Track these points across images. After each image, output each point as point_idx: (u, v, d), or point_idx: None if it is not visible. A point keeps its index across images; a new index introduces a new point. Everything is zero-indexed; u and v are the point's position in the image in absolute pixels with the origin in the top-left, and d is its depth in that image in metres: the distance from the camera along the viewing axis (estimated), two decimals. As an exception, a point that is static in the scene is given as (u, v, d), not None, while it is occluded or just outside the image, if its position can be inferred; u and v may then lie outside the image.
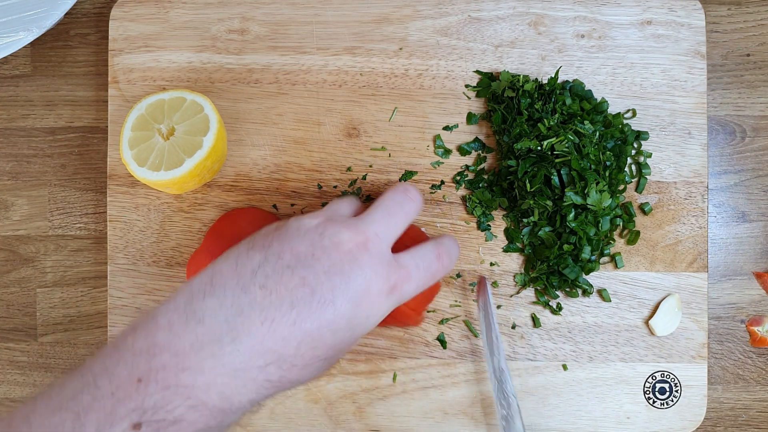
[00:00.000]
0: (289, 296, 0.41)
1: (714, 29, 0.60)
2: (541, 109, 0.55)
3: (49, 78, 0.60)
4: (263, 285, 0.41)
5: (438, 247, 0.48)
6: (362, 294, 0.43)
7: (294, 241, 0.43)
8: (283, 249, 0.43)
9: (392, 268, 0.45)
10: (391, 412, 0.57)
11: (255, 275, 0.42)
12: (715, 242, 0.60)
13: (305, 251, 0.43)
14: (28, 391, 0.59)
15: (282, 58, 0.58)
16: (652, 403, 0.57)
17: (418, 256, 0.47)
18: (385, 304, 0.44)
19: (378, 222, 0.45)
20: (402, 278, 0.45)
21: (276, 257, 0.42)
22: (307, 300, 0.41)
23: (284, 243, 0.43)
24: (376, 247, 0.44)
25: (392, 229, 0.46)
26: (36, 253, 0.60)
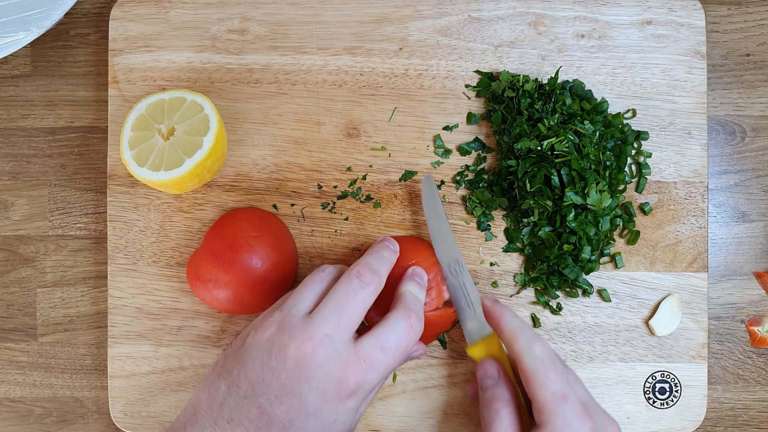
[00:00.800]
0: (253, 427, 0.44)
1: (714, 29, 0.60)
2: (541, 109, 0.55)
3: (49, 78, 0.60)
4: (230, 419, 0.44)
5: (408, 317, 0.47)
6: (318, 406, 0.44)
7: (248, 366, 0.45)
8: (240, 377, 0.45)
9: (349, 366, 0.44)
10: (391, 412, 0.57)
11: (222, 408, 0.44)
12: (715, 242, 0.60)
13: (256, 376, 0.44)
14: (28, 391, 0.59)
15: (282, 58, 0.58)
16: (652, 403, 0.57)
17: (384, 336, 0.46)
18: (351, 403, 0.45)
19: (328, 320, 0.45)
20: (362, 371, 0.45)
21: (236, 387, 0.45)
22: (266, 427, 0.44)
23: (241, 369, 0.45)
24: (326, 352, 0.44)
25: (346, 321, 0.45)
26: (36, 253, 0.60)
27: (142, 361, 0.57)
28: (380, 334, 0.46)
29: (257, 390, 0.44)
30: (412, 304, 0.48)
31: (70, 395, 0.59)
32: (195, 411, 0.45)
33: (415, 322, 0.47)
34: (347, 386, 0.44)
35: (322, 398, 0.44)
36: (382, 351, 0.45)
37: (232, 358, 0.46)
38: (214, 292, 0.53)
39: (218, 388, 0.45)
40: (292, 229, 0.58)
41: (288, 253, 0.55)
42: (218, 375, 0.46)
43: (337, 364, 0.44)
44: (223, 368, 0.46)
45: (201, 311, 0.57)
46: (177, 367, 0.57)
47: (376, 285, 0.47)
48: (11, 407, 0.59)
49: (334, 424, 0.45)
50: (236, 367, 0.45)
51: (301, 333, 0.44)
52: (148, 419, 0.57)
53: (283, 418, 0.43)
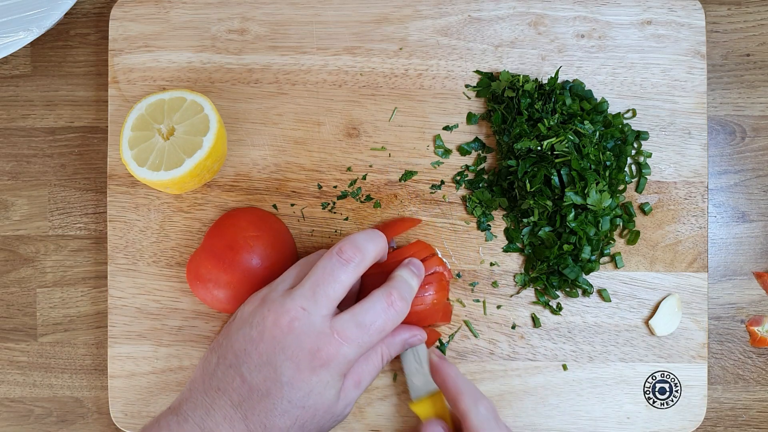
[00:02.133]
0: (236, 395, 0.47)
1: (714, 29, 0.60)
2: (541, 109, 0.55)
3: (49, 78, 0.60)
4: (218, 387, 0.47)
5: (388, 295, 0.48)
6: (292, 375, 0.46)
7: (233, 337, 0.48)
8: (227, 348, 0.48)
9: (322, 339, 0.46)
10: (391, 412, 0.57)
11: (213, 378, 0.48)
12: (715, 242, 0.60)
13: (239, 347, 0.47)
14: (28, 391, 0.59)
15: (282, 58, 0.58)
16: (652, 403, 0.57)
17: (361, 312, 0.47)
18: (324, 374, 0.47)
19: (304, 295, 0.47)
20: (335, 344, 0.46)
21: (223, 358, 0.48)
22: (247, 396, 0.46)
23: (227, 341, 0.48)
24: (302, 324, 0.46)
25: (322, 296, 0.47)
26: (36, 253, 0.60)
27: (142, 361, 0.57)
28: (357, 311, 0.48)
29: (240, 360, 0.47)
30: (397, 284, 0.49)
31: (70, 395, 0.59)
32: (190, 387, 0.49)
33: (396, 301, 0.48)
34: (319, 357, 0.46)
35: (296, 368, 0.46)
36: (357, 327, 0.47)
37: (223, 333, 0.50)
38: (214, 292, 0.53)
39: (210, 361, 0.48)
40: (292, 229, 0.58)
41: (288, 253, 0.55)
42: (211, 350, 0.49)
43: (311, 336, 0.46)
44: (216, 343, 0.49)
45: (201, 311, 0.57)
46: (177, 367, 0.57)
47: (357, 262, 0.48)
48: (11, 407, 0.59)
49: (309, 395, 0.47)
50: (225, 340, 0.49)
51: (279, 306, 0.47)
52: (148, 419, 0.57)
53: (261, 386, 0.46)
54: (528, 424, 0.57)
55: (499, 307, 0.57)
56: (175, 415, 0.47)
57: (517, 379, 0.57)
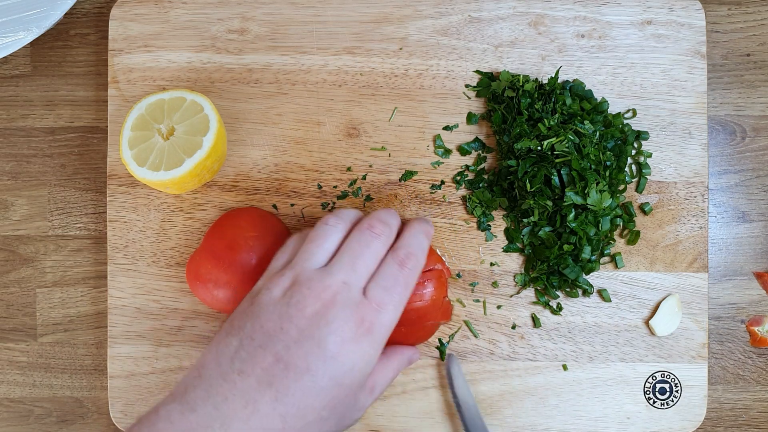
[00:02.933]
0: (266, 375, 0.44)
1: (714, 29, 0.60)
2: (541, 109, 0.55)
3: (49, 78, 0.60)
4: (240, 370, 0.44)
5: (396, 255, 0.48)
6: (337, 348, 0.44)
7: (263, 317, 0.45)
8: (254, 329, 0.45)
9: (362, 307, 0.46)
10: (391, 412, 0.57)
11: (233, 362, 0.44)
12: (715, 242, 0.60)
13: (273, 326, 0.45)
14: (28, 391, 0.59)
15: (282, 58, 0.58)
16: (653, 404, 0.57)
17: (382, 277, 0.47)
18: (366, 345, 0.46)
19: (344, 269, 0.47)
20: (374, 311, 0.46)
21: (249, 339, 0.45)
22: (282, 375, 0.44)
23: (255, 322, 0.46)
24: (344, 297, 0.46)
25: (361, 270, 0.47)
26: (36, 253, 0.60)
27: (142, 361, 0.57)
28: (378, 278, 0.47)
29: (274, 338, 0.44)
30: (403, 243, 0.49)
31: (70, 395, 0.59)
32: (200, 372, 0.45)
33: (405, 260, 0.48)
34: (363, 326, 0.45)
35: (341, 341, 0.45)
36: (385, 291, 0.47)
37: (241, 317, 0.46)
38: (214, 292, 0.53)
39: (228, 344, 0.45)
40: (292, 229, 0.58)
41: (288, 253, 0.55)
42: (227, 333, 0.46)
43: (353, 308, 0.45)
44: (233, 327, 0.46)
45: (201, 311, 0.57)
46: (177, 367, 0.57)
47: (387, 236, 0.49)
48: (11, 407, 0.59)
49: (351, 371, 0.45)
50: (249, 322, 0.46)
51: (319, 283, 0.46)
52: (148, 419, 0.57)
53: (300, 362, 0.44)
54: (528, 424, 0.57)
55: (499, 307, 0.57)
56: (179, 404, 0.43)
57: (517, 380, 0.57)
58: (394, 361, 0.52)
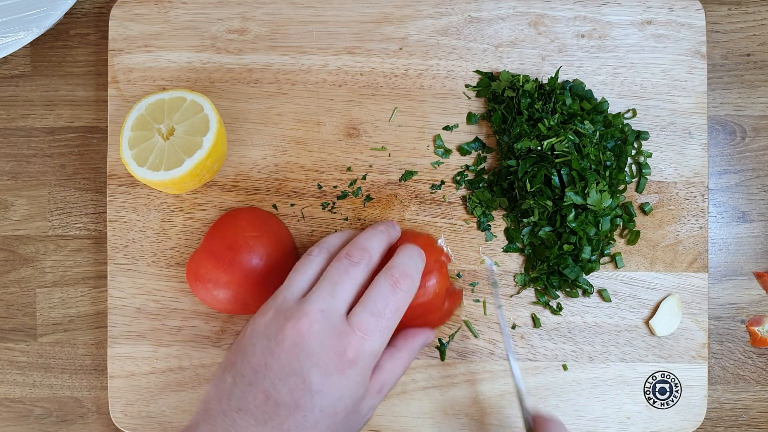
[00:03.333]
0: (261, 413, 0.44)
1: (714, 29, 0.60)
2: (541, 109, 0.55)
3: (49, 78, 0.60)
4: (239, 408, 0.44)
5: (389, 277, 0.47)
6: (321, 381, 0.44)
7: (249, 353, 0.46)
8: (243, 366, 0.45)
9: (345, 337, 0.45)
10: (391, 412, 0.57)
11: (230, 399, 0.45)
12: (715, 242, 0.60)
13: (258, 362, 0.45)
14: (28, 391, 0.59)
15: (282, 58, 0.58)
16: (653, 404, 0.57)
17: (371, 300, 0.46)
18: (352, 375, 0.45)
19: (323, 297, 0.46)
20: (358, 340, 0.45)
21: (240, 376, 0.45)
22: (274, 413, 0.44)
23: (243, 357, 0.46)
24: (322, 326, 0.45)
25: (340, 296, 0.46)
26: (36, 253, 0.60)
27: (142, 361, 0.57)
28: (367, 301, 0.46)
29: (260, 375, 0.44)
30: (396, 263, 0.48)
31: (70, 395, 0.59)
32: (206, 407, 0.46)
33: (400, 281, 0.47)
34: (346, 357, 0.45)
35: (324, 373, 0.44)
36: (372, 316, 0.46)
37: (234, 351, 0.47)
38: (214, 292, 0.53)
39: (224, 381, 0.46)
40: (292, 229, 0.58)
41: (288, 253, 0.55)
42: (224, 369, 0.46)
43: (333, 337, 0.45)
44: (228, 361, 0.47)
45: (201, 311, 0.57)
46: (177, 367, 0.57)
47: (366, 262, 0.48)
48: (11, 407, 0.59)
49: (340, 400, 0.45)
50: (239, 357, 0.46)
51: (296, 312, 0.45)
52: (148, 419, 0.57)
53: (288, 399, 0.44)
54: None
55: (500, 307, 0.57)
56: None
57: (517, 379, 0.57)
58: (403, 353, 0.50)
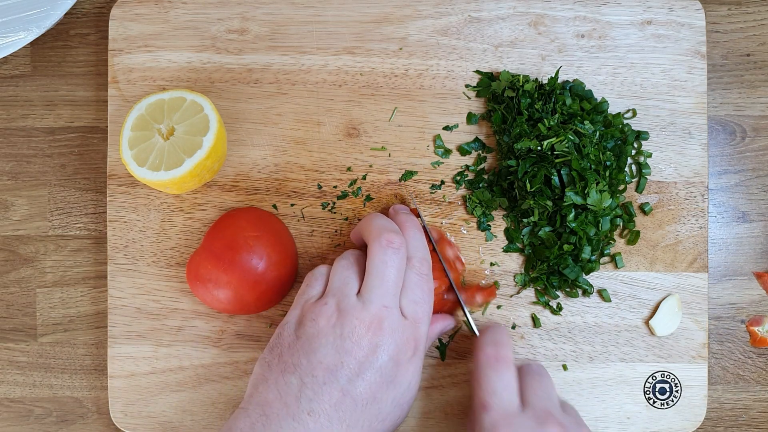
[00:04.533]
0: (336, 413, 0.45)
1: (714, 29, 0.60)
2: (541, 109, 0.55)
3: (49, 78, 0.60)
4: (310, 410, 0.45)
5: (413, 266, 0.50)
6: (395, 372, 0.47)
7: (319, 352, 0.46)
8: (313, 365, 0.46)
9: (406, 328, 0.48)
10: (391, 412, 0.57)
11: (299, 402, 0.45)
12: (715, 242, 0.60)
13: (333, 361, 0.46)
14: (28, 391, 0.59)
15: (282, 58, 0.58)
16: (653, 404, 0.57)
17: (410, 291, 0.49)
18: (416, 362, 0.48)
19: (378, 294, 0.48)
20: (415, 328, 0.48)
21: (311, 377, 0.45)
22: (351, 409, 0.45)
23: (311, 357, 0.46)
24: (390, 322, 0.47)
25: (393, 290, 0.48)
26: (36, 253, 0.60)
27: (142, 361, 0.57)
28: (406, 293, 0.49)
29: (336, 374, 0.45)
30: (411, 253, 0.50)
31: (70, 395, 0.59)
32: (264, 411, 0.45)
33: (421, 267, 0.50)
34: (410, 346, 0.48)
35: (396, 364, 0.47)
36: (416, 304, 0.49)
37: (293, 351, 0.47)
38: (214, 292, 0.53)
39: (289, 383, 0.46)
40: (292, 229, 0.58)
41: (288, 253, 0.55)
42: (283, 371, 0.46)
43: (398, 329, 0.47)
44: (287, 363, 0.47)
45: (201, 311, 0.57)
46: (177, 367, 0.57)
47: (404, 246, 0.50)
48: (11, 407, 0.59)
49: (408, 389, 0.48)
50: (304, 357, 0.46)
51: (364, 312, 0.47)
52: (148, 419, 0.57)
53: (365, 394, 0.46)
54: (528, 424, 0.57)
55: (499, 307, 0.57)
56: None
57: (517, 379, 0.57)
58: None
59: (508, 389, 0.49)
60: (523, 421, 0.47)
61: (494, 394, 0.49)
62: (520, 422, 0.47)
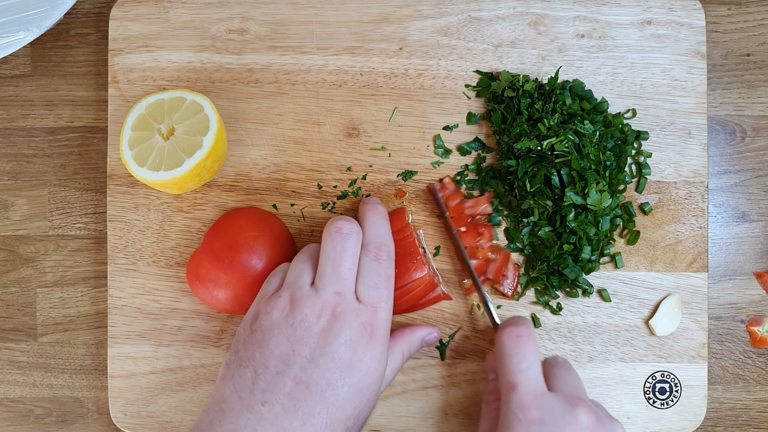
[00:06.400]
0: (290, 401, 0.44)
1: (714, 29, 0.60)
2: (541, 109, 0.55)
3: (49, 78, 0.60)
4: (264, 401, 0.44)
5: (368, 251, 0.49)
6: (350, 356, 0.46)
7: (271, 343, 0.46)
8: (266, 357, 0.46)
9: (362, 312, 0.47)
10: (392, 412, 0.57)
11: (253, 393, 0.45)
12: (715, 242, 0.60)
13: (285, 350, 0.46)
14: (28, 391, 0.59)
15: (282, 58, 0.58)
16: (652, 403, 0.57)
17: (367, 276, 0.49)
18: (375, 345, 0.47)
19: (333, 281, 0.48)
20: (372, 312, 0.48)
21: (264, 368, 0.45)
22: (305, 396, 0.44)
23: (264, 349, 0.46)
24: (342, 307, 0.47)
25: (347, 276, 0.48)
26: (36, 253, 0.60)
27: (142, 361, 0.57)
28: (363, 276, 0.49)
29: (289, 362, 0.45)
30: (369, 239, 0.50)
31: (70, 395, 0.59)
32: (221, 407, 0.45)
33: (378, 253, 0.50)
34: (367, 330, 0.47)
35: (351, 349, 0.46)
36: (373, 289, 0.48)
37: (247, 345, 0.47)
38: (214, 292, 0.53)
39: (243, 377, 0.46)
40: (292, 229, 0.58)
41: (288, 253, 0.55)
42: (238, 366, 0.46)
43: (353, 314, 0.47)
44: (242, 358, 0.47)
45: (201, 311, 0.57)
46: (177, 367, 0.57)
47: (356, 232, 0.50)
48: (11, 407, 0.59)
49: (367, 374, 0.46)
50: (258, 350, 0.46)
51: (317, 300, 0.47)
52: (148, 419, 0.57)
53: (319, 380, 0.45)
54: (528, 424, 0.57)
55: (499, 307, 0.57)
56: None
57: (517, 379, 0.57)
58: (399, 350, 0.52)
59: (533, 368, 0.47)
60: (553, 401, 0.46)
61: (520, 372, 0.47)
62: (550, 402, 0.46)
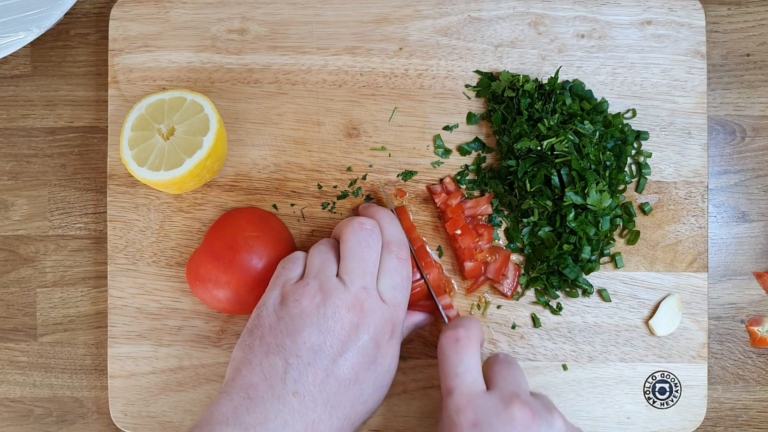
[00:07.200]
0: (320, 393, 0.45)
1: (714, 29, 0.60)
2: (541, 109, 0.55)
3: (49, 78, 0.60)
4: (296, 391, 0.45)
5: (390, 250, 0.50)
6: (375, 353, 0.47)
7: (304, 332, 0.46)
8: (298, 346, 0.46)
9: (384, 310, 0.48)
10: (392, 412, 0.57)
11: (285, 383, 0.45)
12: (715, 242, 0.60)
13: (317, 341, 0.46)
14: (28, 391, 0.59)
15: (282, 58, 0.58)
16: (652, 403, 0.57)
17: (389, 275, 0.49)
18: (395, 343, 0.49)
19: (357, 275, 0.48)
20: (394, 312, 0.49)
21: (296, 357, 0.45)
22: (335, 390, 0.45)
23: (296, 337, 0.46)
24: (369, 303, 0.47)
25: (370, 269, 0.49)
26: (36, 253, 0.60)
27: (142, 361, 0.57)
28: (386, 277, 0.49)
29: (321, 354, 0.46)
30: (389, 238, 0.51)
31: (70, 395, 0.59)
32: (248, 393, 0.45)
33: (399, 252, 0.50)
34: (388, 329, 0.48)
35: (377, 345, 0.47)
36: (395, 289, 0.49)
37: (275, 332, 0.47)
38: (214, 292, 0.53)
39: (274, 365, 0.45)
40: (292, 229, 0.58)
41: (288, 253, 0.55)
42: (266, 352, 0.46)
43: (377, 311, 0.48)
44: (270, 344, 0.46)
45: (201, 311, 0.57)
46: (177, 367, 0.57)
47: (378, 231, 0.50)
48: (11, 407, 0.59)
49: (387, 371, 0.48)
50: (288, 338, 0.46)
51: (346, 293, 0.47)
52: (148, 419, 0.57)
53: (348, 374, 0.46)
54: (528, 424, 0.57)
55: (499, 307, 0.57)
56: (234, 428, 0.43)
57: (517, 379, 0.57)
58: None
59: (470, 371, 0.48)
60: (488, 401, 0.46)
61: (456, 376, 0.48)
62: (485, 403, 0.46)
